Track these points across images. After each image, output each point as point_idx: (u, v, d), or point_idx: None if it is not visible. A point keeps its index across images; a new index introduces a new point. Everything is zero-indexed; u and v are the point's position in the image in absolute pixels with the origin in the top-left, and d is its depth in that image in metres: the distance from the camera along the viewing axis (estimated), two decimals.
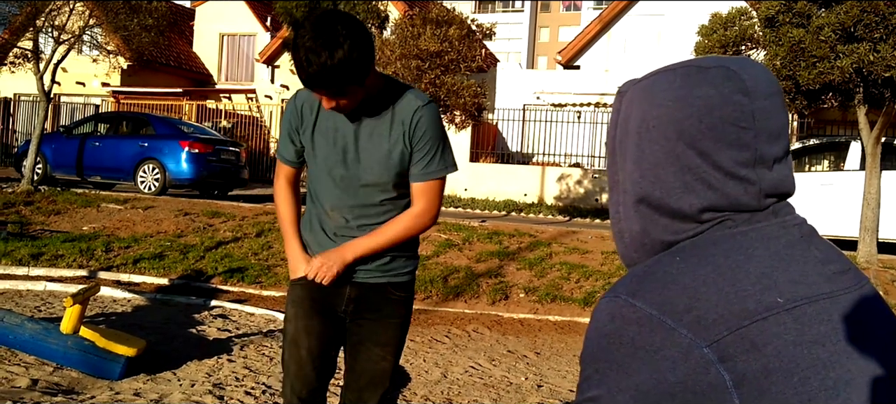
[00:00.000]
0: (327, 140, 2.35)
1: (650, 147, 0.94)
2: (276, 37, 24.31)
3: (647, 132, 0.94)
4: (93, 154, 14.46)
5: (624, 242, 1.00)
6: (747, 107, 0.91)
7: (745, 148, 0.91)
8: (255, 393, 4.54)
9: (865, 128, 9.12)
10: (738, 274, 0.86)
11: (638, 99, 0.97)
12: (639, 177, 0.95)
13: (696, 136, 0.91)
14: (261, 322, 6.68)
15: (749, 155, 0.91)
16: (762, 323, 0.82)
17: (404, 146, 2.30)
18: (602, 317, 0.89)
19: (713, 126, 0.91)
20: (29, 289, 7.42)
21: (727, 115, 0.90)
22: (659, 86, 0.95)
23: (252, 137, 22.95)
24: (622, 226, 0.99)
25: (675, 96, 0.93)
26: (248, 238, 9.90)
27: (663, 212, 0.94)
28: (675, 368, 0.82)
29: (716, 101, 0.91)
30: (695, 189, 0.92)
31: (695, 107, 0.91)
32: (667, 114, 0.93)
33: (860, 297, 0.90)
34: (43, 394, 4.14)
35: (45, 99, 12.99)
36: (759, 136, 0.91)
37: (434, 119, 2.33)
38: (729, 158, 0.91)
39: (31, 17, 13.22)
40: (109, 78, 19.43)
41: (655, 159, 0.94)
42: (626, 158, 0.97)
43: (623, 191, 0.98)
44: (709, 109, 0.91)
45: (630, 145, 0.97)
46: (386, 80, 2.34)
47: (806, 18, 8.79)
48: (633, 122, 0.97)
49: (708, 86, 0.92)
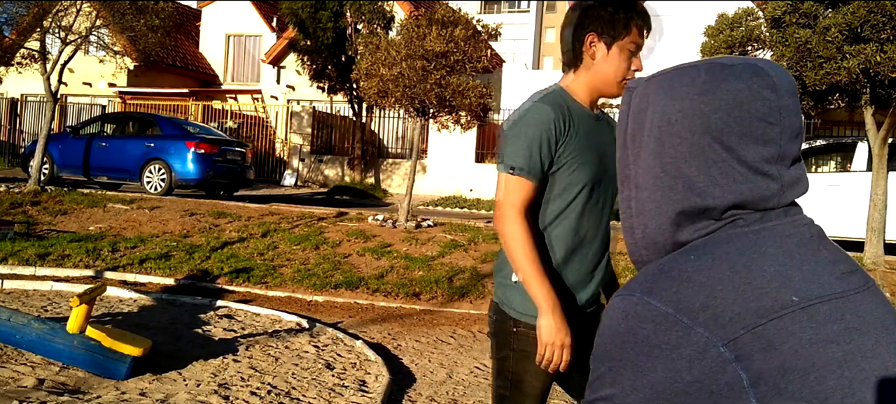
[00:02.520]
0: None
1: (672, 141, 0.93)
2: (282, 37, 24.35)
3: (670, 126, 0.94)
4: (99, 154, 14.49)
5: (634, 238, 0.98)
6: (775, 103, 0.91)
7: (771, 143, 0.91)
8: (260, 393, 4.54)
9: (872, 128, 9.08)
10: (753, 272, 0.85)
11: (656, 93, 0.96)
12: (660, 172, 0.94)
13: (723, 130, 0.91)
14: (266, 322, 6.68)
15: (774, 151, 0.91)
16: (778, 321, 0.82)
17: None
18: (616, 315, 0.88)
19: (741, 120, 0.90)
20: (35, 288, 7.44)
21: (756, 110, 0.90)
22: (682, 80, 0.95)
23: (258, 138, 22.99)
24: (634, 221, 0.98)
25: (701, 90, 0.92)
26: (254, 238, 9.91)
27: (687, 214, 0.93)
28: (691, 367, 0.81)
29: (745, 96, 0.91)
30: (720, 183, 0.91)
31: (723, 100, 0.91)
32: (691, 108, 0.92)
33: (868, 297, 0.90)
34: (49, 394, 4.15)
35: (51, 99, 13.02)
36: (783, 133, 0.91)
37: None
38: (755, 154, 0.90)
39: (38, 18, 13.25)
40: (116, 78, 19.50)
41: (678, 154, 0.93)
42: (641, 153, 0.96)
43: (636, 187, 0.97)
44: (738, 104, 0.91)
45: (648, 140, 0.96)
46: None
47: (812, 19, 8.75)
48: (652, 117, 0.96)
49: (736, 80, 0.92)
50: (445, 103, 10.72)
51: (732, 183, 0.91)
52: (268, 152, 23.10)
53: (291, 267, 8.80)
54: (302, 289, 8.20)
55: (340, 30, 18.94)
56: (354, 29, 18.91)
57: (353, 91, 19.27)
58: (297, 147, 22.22)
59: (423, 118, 11.10)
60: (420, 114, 10.99)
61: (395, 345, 6.27)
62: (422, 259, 9.11)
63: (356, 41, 17.27)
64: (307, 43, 19.24)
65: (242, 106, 24.76)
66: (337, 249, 9.55)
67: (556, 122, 2.04)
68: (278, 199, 15.11)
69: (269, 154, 23.08)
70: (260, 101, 25.06)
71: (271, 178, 22.24)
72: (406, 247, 9.64)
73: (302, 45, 19.45)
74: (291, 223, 10.76)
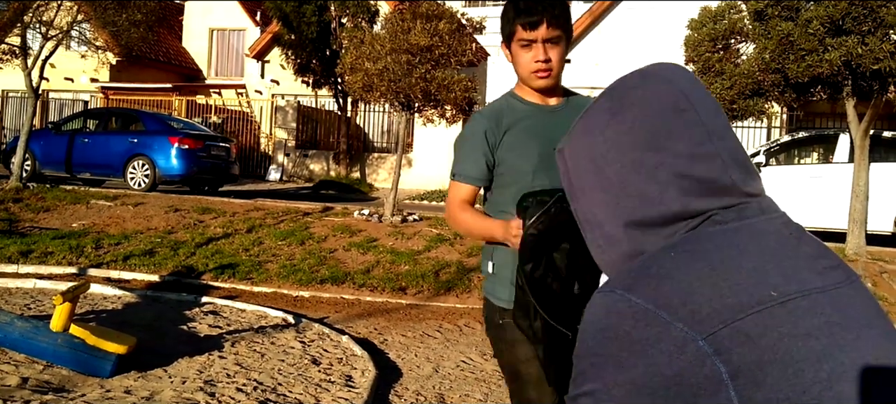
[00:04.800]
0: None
1: (611, 168, 0.96)
2: (266, 31, 24.23)
3: (603, 157, 0.97)
4: (82, 150, 14.38)
5: (615, 269, 1.00)
6: (676, 90, 0.95)
7: (693, 125, 0.93)
8: (246, 389, 4.53)
9: (854, 120, 9.16)
10: (731, 268, 0.86)
11: (579, 142, 1.01)
12: (613, 201, 0.97)
13: (646, 138, 0.94)
14: (252, 318, 6.66)
15: (700, 131, 0.93)
16: (756, 316, 0.83)
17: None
18: (597, 312, 0.89)
19: (656, 120, 0.94)
20: (18, 286, 7.38)
21: (663, 105, 0.94)
22: (593, 119, 1.00)
23: (242, 133, 22.89)
24: (605, 258, 1.01)
25: (611, 115, 0.97)
26: (239, 234, 9.87)
27: (650, 223, 0.94)
28: (671, 362, 0.82)
29: (648, 97, 0.95)
30: (669, 183, 0.92)
31: (632, 113, 0.95)
32: (613, 135, 0.96)
33: (851, 292, 0.92)
34: (33, 392, 4.12)
35: (33, 95, 12.90)
36: (700, 111, 0.94)
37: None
38: (685, 141, 0.93)
39: (19, 13, 13.11)
40: (98, 74, 19.34)
41: (621, 176, 0.96)
42: (588, 193, 0.99)
43: (598, 225, 0.99)
44: (644, 108, 0.95)
45: (590, 180, 0.99)
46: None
47: (795, 12, 8.81)
48: (585, 161, 0.99)
49: (635, 91, 0.96)
50: (431, 97, 10.71)
51: (679, 179, 0.93)
52: (252, 147, 23.00)
53: (277, 262, 8.78)
54: (288, 284, 8.18)
55: (325, 24, 18.87)
56: (339, 23, 18.85)
57: (337, 85, 19.23)
58: (281, 142, 22.13)
59: (409, 112, 11.08)
60: (405, 109, 10.98)
61: (381, 340, 6.27)
62: (408, 253, 9.11)
63: (341, 35, 17.23)
64: (291, 37, 19.15)
65: (226, 101, 24.63)
66: (323, 244, 9.54)
67: (487, 131, 2.34)
68: (263, 195, 15.05)
69: (253, 149, 22.98)
70: (244, 96, 24.93)
71: (256, 173, 22.15)
72: (392, 241, 9.64)
73: (286, 39, 19.37)
74: (277, 218, 10.73)
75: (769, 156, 11.49)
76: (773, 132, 18.13)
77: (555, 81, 2.33)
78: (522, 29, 2.24)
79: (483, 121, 2.36)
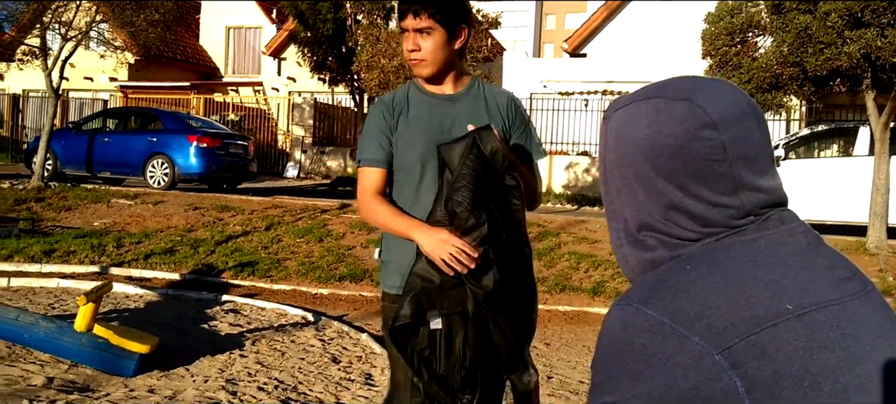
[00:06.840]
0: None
1: (635, 181, 0.96)
2: (282, 29, 24.29)
3: (632, 167, 0.96)
4: (102, 149, 14.52)
5: (629, 267, 1.01)
6: (716, 141, 0.91)
7: (723, 178, 0.92)
8: (267, 388, 4.57)
9: (874, 113, 9.08)
10: (747, 281, 0.87)
11: (617, 130, 0.99)
12: (634, 209, 0.97)
13: (672, 174, 0.93)
14: (272, 316, 6.72)
15: (729, 184, 0.92)
16: (772, 329, 0.84)
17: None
18: (614, 324, 0.90)
19: (686, 163, 0.92)
20: (42, 286, 7.48)
21: (697, 152, 0.91)
22: (632, 118, 0.97)
23: (259, 130, 23.00)
24: (626, 251, 1.01)
25: (646, 134, 0.94)
26: (258, 232, 9.94)
27: (663, 236, 0.96)
28: (686, 375, 0.83)
29: (683, 141, 0.91)
30: (682, 221, 0.94)
31: (665, 146, 0.93)
32: (641, 153, 0.95)
33: (867, 303, 0.92)
34: (58, 392, 4.19)
35: (53, 95, 13.04)
36: (734, 165, 0.92)
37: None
38: (709, 191, 0.92)
39: (38, 14, 13.25)
40: (117, 73, 19.48)
41: (641, 193, 0.96)
42: (617, 186, 0.99)
43: (623, 220, 1.00)
44: (678, 148, 0.92)
45: (617, 176, 0.99)
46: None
47: (813, 4, 8.74)
48: (617, 153, 0.98)
49: (675, 124, 0.92)
50: None
51: (691, 219, 0.93)
52: (270, 144, 23.11)
53: (296, 260, 8.84)
54: (307, 282, 8.23)
55: (340, 21, 18.87)
56: (354, 20, 18.85)
57: (354, 82, 19.25)
58: (299, 139, 22.22)
59: None
60: None
61: None
62: None
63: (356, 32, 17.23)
64: (307, 34, 19.17)
65: (244, 98, 24.76)
66: (341, 241, 9.59)
67: (383, 114, 2.41)
68: (281, 192, 15.13)
69: (271, 146, 23.09)
70: (261, 94, 25.05)
71: (274, 171, 22.26)
72: None
73: (302, 36, 19.39)
74: (295, 216, 10.79)
75: (788, 149, 11.41)
76: (792, 125, 17.98)
77: (431, 70, 2.37)
78: (400, 18, 2.38)
79: (380, 107, 2.44)
